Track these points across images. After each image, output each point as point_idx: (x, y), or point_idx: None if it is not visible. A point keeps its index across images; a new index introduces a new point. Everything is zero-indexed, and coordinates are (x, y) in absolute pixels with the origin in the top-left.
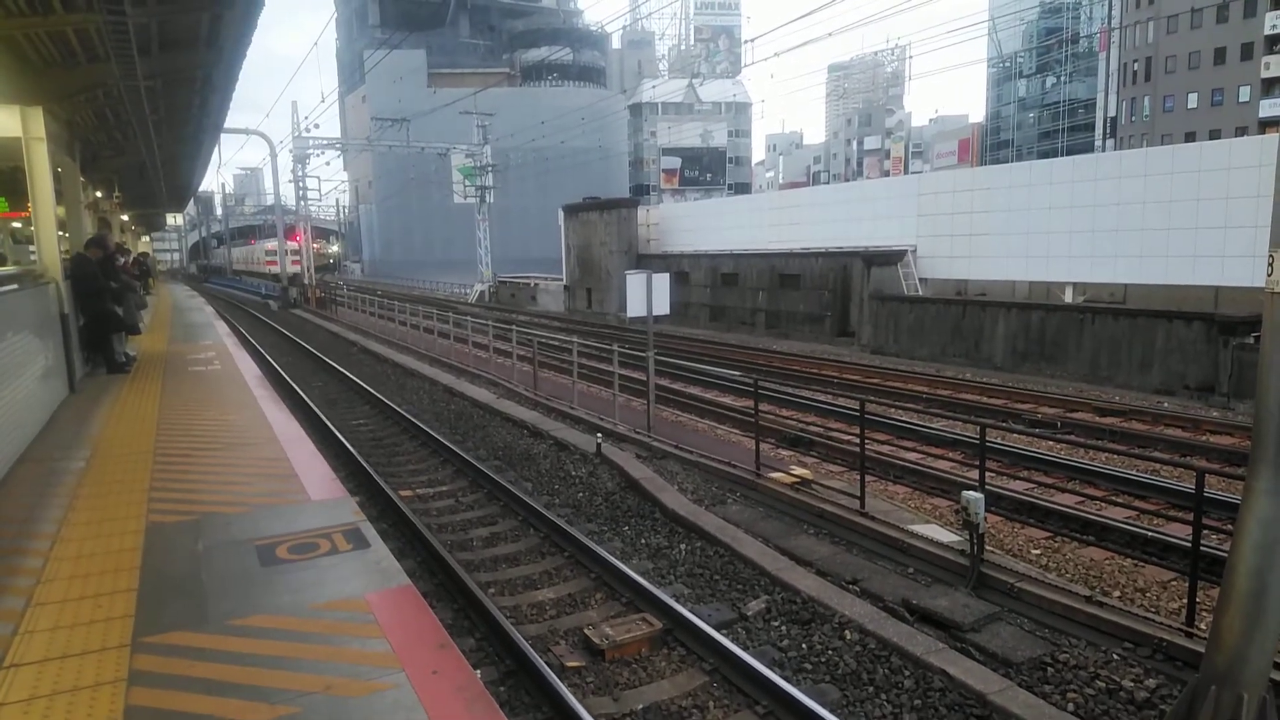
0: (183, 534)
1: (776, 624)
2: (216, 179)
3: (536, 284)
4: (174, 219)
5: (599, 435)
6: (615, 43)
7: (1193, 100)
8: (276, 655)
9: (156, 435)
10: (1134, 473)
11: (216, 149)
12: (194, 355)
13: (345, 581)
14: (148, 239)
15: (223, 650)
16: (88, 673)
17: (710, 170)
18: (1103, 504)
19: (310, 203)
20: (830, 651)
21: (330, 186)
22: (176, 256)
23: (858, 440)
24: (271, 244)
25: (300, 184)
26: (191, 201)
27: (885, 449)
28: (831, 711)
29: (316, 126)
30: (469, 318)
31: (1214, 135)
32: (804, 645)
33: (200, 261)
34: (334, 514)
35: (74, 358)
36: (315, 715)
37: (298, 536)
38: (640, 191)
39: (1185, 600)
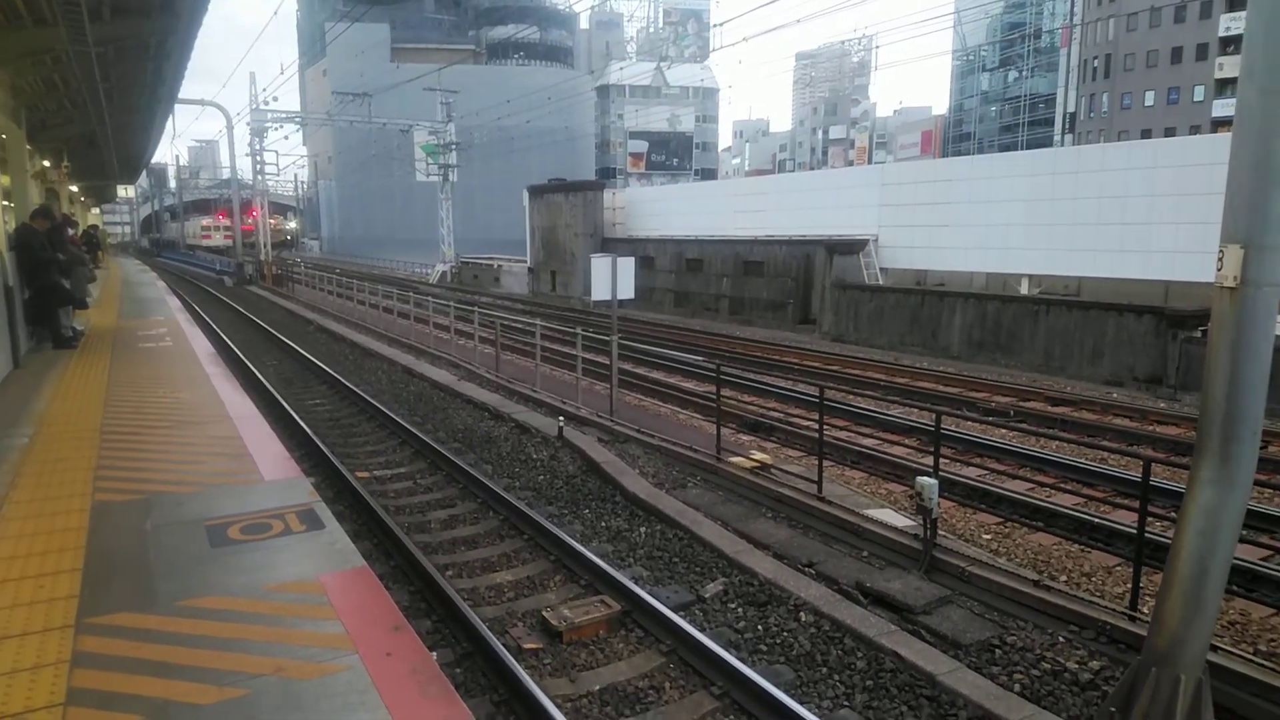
0: (130, 513)
1: (734, 606)
2: (171, 150)
3: (500, 265)
4: (125, 191)
5: (561, 418)
6: (583, 23)
7: (1150, 98)
8: (226, 637)
9: (104, 412)
10: (1083, 461)
11: (171, 119)
12: (144, 331)
13: (298, 562)
14: (98, 211)
15: (171, 632)
16: (28, 654)
17: (677, 155)
18: (1052, 491)
19: (268, 177)
20: (786, 633)
21: (289, 161)
22: (128, 230)
23: (817, 426)
24: (206, 220)
25: (257, 158)
26: (144, 173)
27: (843, 435)
28: (785, 692)
29: (275, 99)
30: (430, 298)
31: (1169, 133)
32: (760, 627)
33: (152, 235)
34: (288, 494)
35: (18, 332)
36: (265, 697)
37: (250, 517)
38: (606, 174)
39: (1129, 585)
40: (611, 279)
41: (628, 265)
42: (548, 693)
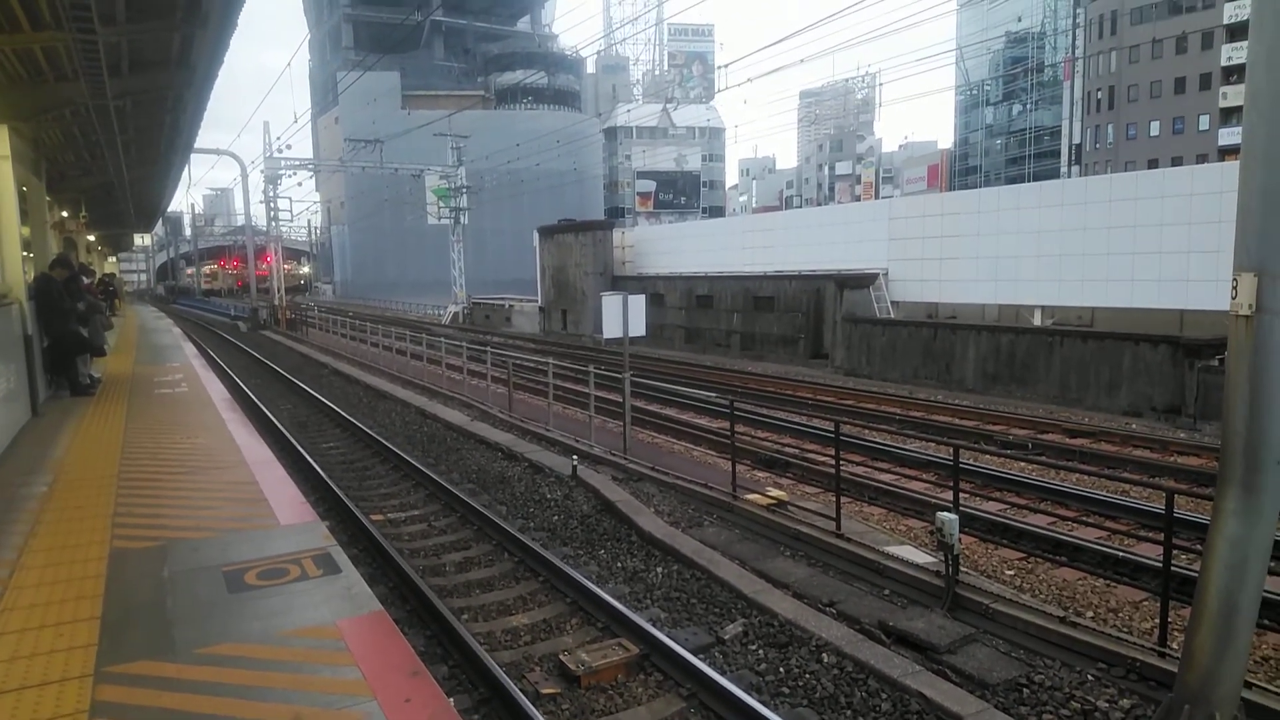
0: (148, 560)
1: (754, 647)
2: (186, 199)
3: (511, 305)
4: (142, 239)
5: (575, 457)
6: (590, 67)
7: (1155, 128)
8: (245, 684)
9: (121, 459)
10: (1104, 493)
11: (186, 169)
12: (161, 377)
13: (315, 608)
14: (114, 260)
15: (189, 680)
16: (47, 704)
17: (684, 194)
18: (1074, 524)
19: (282, 223)
20: (808, 675)
21: (302, 207)
22: (144, 277)
23: (833, 462)
24: (206, 266)
25: (271, 205)
26: (160, 222)
27: (860, 470)
28: None
29: (289, 147)
30: (442, 339)
31: (1176, 162)
32: (782, 669)
33: (168, 282)
34: (304, 539)
35: (37, 380)
36: None
37: (267, 562)
38: (615, 214)
39: (1157, 620)
40: (622, 317)
41: (638, 303)
42: None
